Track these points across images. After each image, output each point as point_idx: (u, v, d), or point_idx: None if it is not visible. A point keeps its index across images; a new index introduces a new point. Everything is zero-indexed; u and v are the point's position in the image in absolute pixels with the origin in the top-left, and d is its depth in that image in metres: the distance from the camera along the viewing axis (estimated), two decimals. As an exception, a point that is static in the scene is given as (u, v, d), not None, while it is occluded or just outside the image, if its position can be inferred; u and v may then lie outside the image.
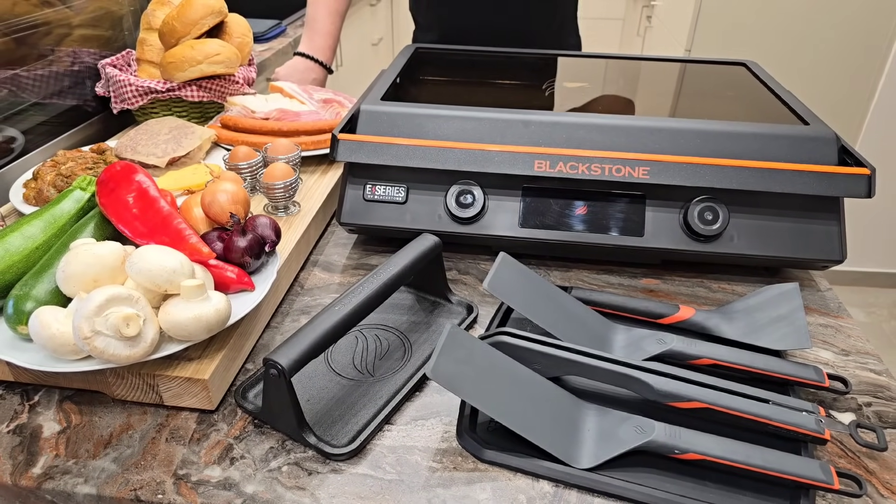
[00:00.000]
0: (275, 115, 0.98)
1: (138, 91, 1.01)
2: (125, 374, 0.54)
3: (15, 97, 0.94)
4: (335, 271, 0.78)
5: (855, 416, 0.59)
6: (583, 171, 0.72)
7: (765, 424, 0.53)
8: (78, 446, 0.53)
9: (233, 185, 0.66)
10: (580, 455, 0.53)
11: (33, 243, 0.58)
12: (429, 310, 0.70)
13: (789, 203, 0.73)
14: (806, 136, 0.73)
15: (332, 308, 0.56)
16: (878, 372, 0.65)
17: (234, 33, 1.08)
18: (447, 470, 0.52)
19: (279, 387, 0.51)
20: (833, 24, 2.05)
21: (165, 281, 0.51)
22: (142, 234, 0.59)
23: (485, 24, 1.26)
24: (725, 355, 0.61)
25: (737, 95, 0.91)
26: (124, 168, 0.63)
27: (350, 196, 0.78)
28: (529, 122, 0.75)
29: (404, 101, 0.79)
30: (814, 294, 0.77)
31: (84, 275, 0.52)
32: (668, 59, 1.06)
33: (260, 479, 0.51)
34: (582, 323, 0.65)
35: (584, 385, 0.60)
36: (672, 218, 0.74)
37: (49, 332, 0.50)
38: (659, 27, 2.58)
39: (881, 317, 2.39)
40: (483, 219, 0.76)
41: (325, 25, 1.26)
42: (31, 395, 0.58)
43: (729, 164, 0.72)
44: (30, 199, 0.77)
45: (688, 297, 0.75)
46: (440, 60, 1.05)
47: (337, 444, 0.53)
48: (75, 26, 1.05)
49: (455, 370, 0.51)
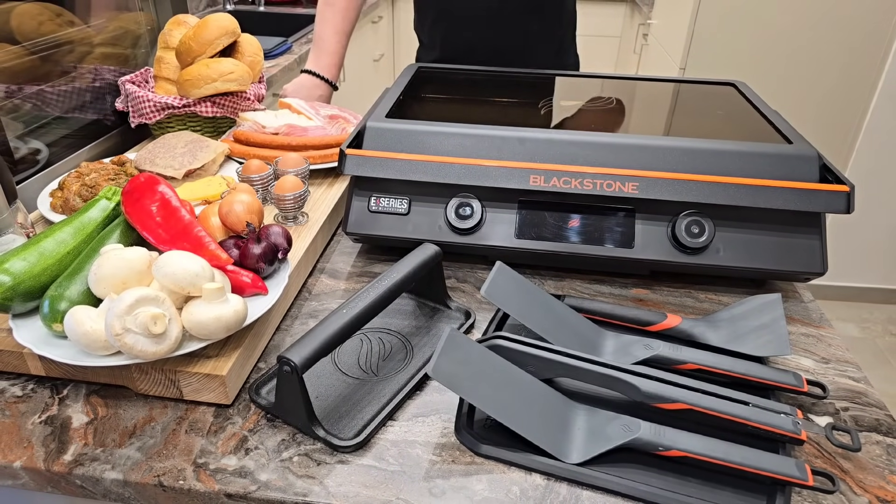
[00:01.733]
0: (284, 130, 1.02)
1: (156, 106, 1.06)
2: (149, 370, 0.59)
3: (39, 111, 0.98)
4: (341, 278, 0.82)
5: (832, 420, 0.62)
6: (575, 185, 0.76)
7: (744, 425, 0.56)
8: (105, 436, 0.57)
9: (248, 196, 0.70)
10: (570, 451, 0.56)
11: (65, 248, 0.63)
12: (429, 315, 0.75)
13: (773, 218, 0.76)
14: (789, 155, 0.76)
15: (340, 311, 0.60)
16: (857, 379, 0.68)
17: (247, 52, 1.13)
18: (446, 463, 0.56)
19: (292, 382, 0.55)
20: (826, 43, 2.08)
21: (189, 284, 0.56)
22: (164, 240, 0.64)
23: (486, 43, 1.30)
24: (709, 361, 0.64)
25: (725, 115, 0.94)
26: (148, 179, 0.67)
27: (356, 207, 0.82)
28: (525, 140, 0.79)
29: (408, 119, 0.83)
30: (797, 305, 0.80)
31: (114, 277, 0.57)
32: (661, 80, 1.10)
33: (273, 468, 0.55)
34: (574, 329, 0.69)
35: (574, 387, 0.64)
36: (660, 231, 0.78)
37: (83, 328, 0.54)
38: (654, 45, 2.63)
39: (875, 332, 2.41)
40: (481, 230, 0.80)
41: (332, 44, 1.30)
42: (59, 389, 0.63)
43: (715, 180, 0.75)
44: (56, 207, 0.82)
45: (675, 307, 0.78)
46: (441, 79, 1.10)
47: (344, 438, 0.57)
48: (96, 45, 1.10)
49: (454, 370, 0.55)
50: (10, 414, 0.60)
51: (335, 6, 1.29)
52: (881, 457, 0.58)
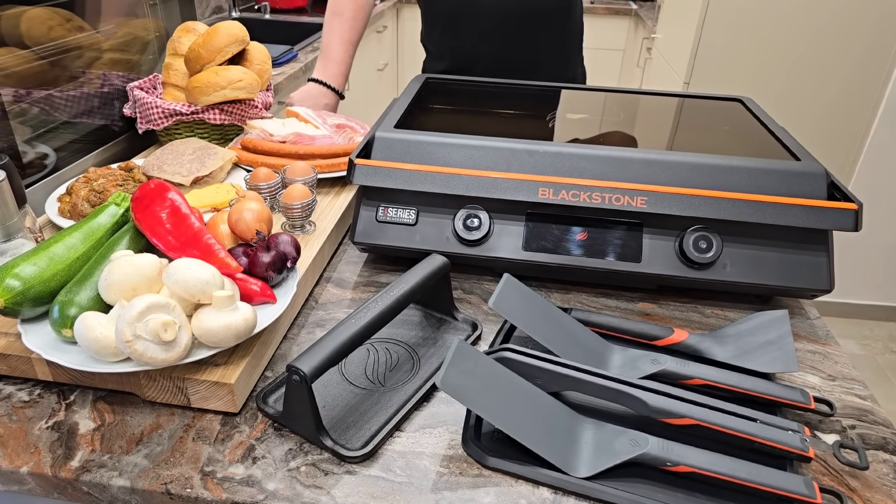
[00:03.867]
0: (291, 138, 1.03)
1: (164, 113, 1.06)
2: (156, 377, 0.58)
3: (48, 116, 0.99)
4: (347, 287, 0.82)
5: (839, 437, 0.62)
6: (584, 199, 0.77)
7: (751, 441, 0.56)
8: (112, 442, 0.57)
9: (257, 205, 0.70)
10: (578, 465, 0.56)
11: (75, 253, 0.63)
12: (436, 326, 0.75)
13: (780, 234, 0.77)
14: (797, 172, 0.77)
15: (348, 321, 0.60)
16: (864, 397, 0.68)
17: (255, 60, 1.14)
18: (453, 475, 0.56)
19: (300, 392, 0.55)
20: (829, 58, 2.09)
21: (199, 291, 0.56)
22: (174, 247, 0.64)
23: (494, 54, 1.31)
24: (716, 376, 0.64)
25: (732, 130, 0.94)
26: (158, 186, 0.67)
27: (364, 217, 0.82)
28: (534, 152, 0.79)
29: (416, 129, 0.84)
30: (804, 322, 0.80)
31: (124, 283, 0.57)
32: (667, 94, 1.10)
33: (280, 477, 0.55)
34: (581, 342, 0.69)
35: (582, 400, 0.64)
36: (668, 245, 0.78)
37: (93, 334, 0.54)
38: (659, 59, 2.64)
39: (876, 349, 2.41)
40: (488, 242, 0.80)
41: (339, 54, 1.31)
42: (66, 394, 0.62)
43: (723, 196, 0.75)
44: (65, 212, 0.82)
45: (682, 322, 0.78)
46: (449, 90, 1.10)
47: (351, 448, 0.57)
48: (105, 50, 1.11)
49: (462, 381, 0.55)
50: (18, 419, 0.60)
51: (343, 16, 1.30)
52: (888, 475, 0.58)
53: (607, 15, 3.21)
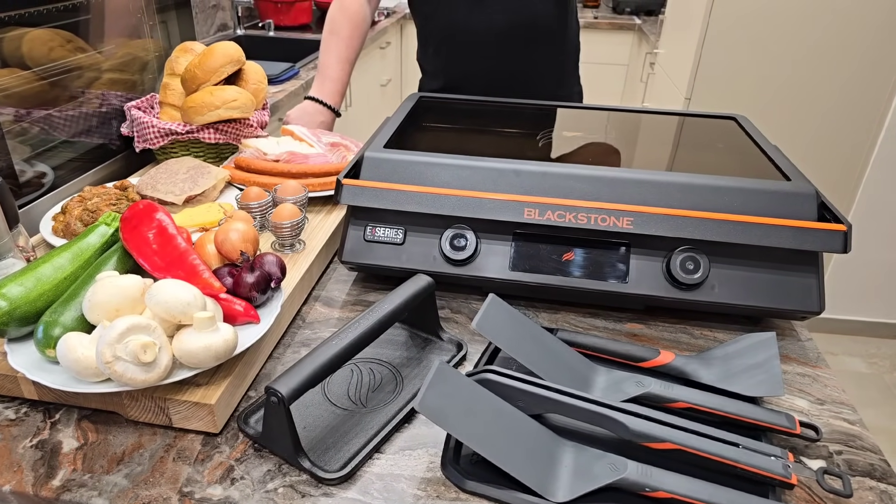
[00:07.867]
0: (285, 157, 1.04)
1: (160, 132, 1.08)
2: (139, 397, 0.59)
3: (47, 135, 1.00)
4: (335, 306, 0.83)
5: (825, 463, 0.61)
6: (570, 219, 0.77)
7: (733, 467, 0.56)
8: (94, 462, 0.57)
9: (244, 225, 0.71)
10: (556, 489, 0.56)
11: (62, 273, 0.64)
12: (421, 346, 0.75)
13: (769, 255, 0.76)
14: (786, 192, 0.76)
15: (330, 342, 0.60)
16: (852, 422, 0.67)
17: (251, 80, 1.15)
18: (431, 498, 0.56)
19: (279, 413, 0.55)
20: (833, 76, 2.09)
21: (180, 312, 0.56)
22: (160, 268, 0.65)
23: (489, 72, 1.32)
24: (701, 400, 0.64)
25: (724, 149, 0.94)
26: (146, 207, 0.68)
27: (352, 236, 0.83)
28: (520, 172, 0.80)
29: (406, 149, 0.84)
30: (794, 343, 0.79)
31: (108, 304, 0.57)
32: (661, 112, 1.10)
33: (257, 499, 0.55)
34: (565, 364, 0.69)
35: (563, 423, 0.63)
36: (655, 266, 0.78)
37: (75, 355, 0.54)
38: (661, 74, 2.65)
39: (883, 368, 2.38)
40: (475, 261, 0.80)
41: (335, 72, 1.33)
42: (52, 413, 0.63)
43: (710, 216, 0.75)
44: (58, 231, 0.83)
45: (670, 343, 0.78)
46: (442, 109, 1.11)
47: (329, 470, 0.57)
48: (105, 70, 1.13)
49: (441, 404, 0.55)
50: (2, 437, 0.60)
51: (339, 35, 1.32)
52: (874, 503, 0.57)
53: (611, 30, 3.23)
